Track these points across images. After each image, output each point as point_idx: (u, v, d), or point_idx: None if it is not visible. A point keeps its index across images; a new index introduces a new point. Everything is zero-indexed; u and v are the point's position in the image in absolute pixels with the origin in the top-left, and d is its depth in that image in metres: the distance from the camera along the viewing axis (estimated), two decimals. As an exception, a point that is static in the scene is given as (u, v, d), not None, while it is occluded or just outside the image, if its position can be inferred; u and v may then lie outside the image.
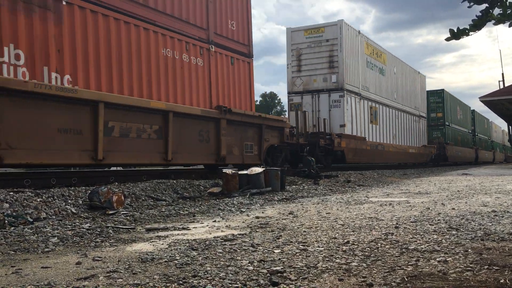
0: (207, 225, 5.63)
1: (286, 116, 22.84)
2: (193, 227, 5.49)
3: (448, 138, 37.18)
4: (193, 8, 11.67)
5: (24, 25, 7.75)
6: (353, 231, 4.92)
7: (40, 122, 7.75)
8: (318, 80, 20.19)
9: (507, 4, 2.89)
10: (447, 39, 3.06)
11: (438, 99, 36.99)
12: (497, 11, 2.96)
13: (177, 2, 11.16)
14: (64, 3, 8.41)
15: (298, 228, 5.22)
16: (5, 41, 7.45)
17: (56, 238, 4.77)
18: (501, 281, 2.86)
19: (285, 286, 2.89)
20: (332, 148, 18.60)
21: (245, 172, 10.41)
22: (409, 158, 28.97)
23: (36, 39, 7.92)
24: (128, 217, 6.38)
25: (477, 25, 2.96)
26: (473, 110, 49.45)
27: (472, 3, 2.98)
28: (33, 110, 7.65)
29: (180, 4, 11.23)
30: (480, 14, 2.95)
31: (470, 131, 46.96)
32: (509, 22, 2.94)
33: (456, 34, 2.99)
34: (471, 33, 2.99)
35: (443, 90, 37.03)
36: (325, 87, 20.10)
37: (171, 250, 4.10)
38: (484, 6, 2.96)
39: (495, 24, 2.99)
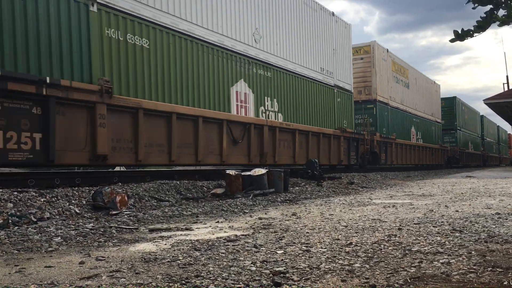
0: (210, 226, 5.63)
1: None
2: (196, 228, 5.50)
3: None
4: None
5: None
6: (356, 232, 4.91)
7: None
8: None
9: None
10: (452, 40, 3.06)
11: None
12: (502, 12, 2.96)
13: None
14: None
15: (301, 229, 5.21)
16: None
17: (59, 238, 4.79)
18: (505, 283, 2.85)
19: (287, 286, 2.89)
20: None
21: (248, 173, 10.43)
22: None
23: None
24: (131, 218, 6.40)
25: (481, 26, 2.96)
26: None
27: (476, 5, 2.98)
28: None
29: None
30: (485, 15, 2.95)
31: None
32: None
33: (461, 35, 3.00)
34: (475, 34, 2.99)
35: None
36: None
37: (174, 250, 4.10)
38: (488, 7, 2.96)
39: (500, 25, 2.98)
